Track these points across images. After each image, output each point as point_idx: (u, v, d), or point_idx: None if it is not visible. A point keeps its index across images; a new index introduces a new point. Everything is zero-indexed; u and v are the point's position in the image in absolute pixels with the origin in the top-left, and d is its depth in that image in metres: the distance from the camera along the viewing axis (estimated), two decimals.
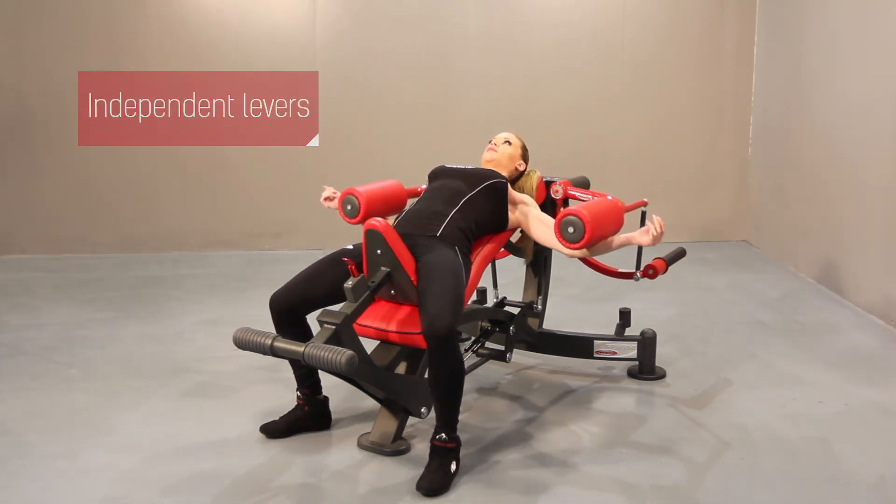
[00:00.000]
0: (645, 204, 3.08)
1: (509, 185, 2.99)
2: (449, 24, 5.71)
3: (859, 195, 4.26)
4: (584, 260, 3.25)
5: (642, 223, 3.01)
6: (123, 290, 4.80)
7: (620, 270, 3.28)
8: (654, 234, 2.72)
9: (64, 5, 5.51)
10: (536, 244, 3.25)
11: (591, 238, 2.66)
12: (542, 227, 2.91)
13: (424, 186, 3.14)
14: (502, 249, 3.44)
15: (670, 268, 3.19)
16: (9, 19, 5.50)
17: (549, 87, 5.77)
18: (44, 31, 5.52)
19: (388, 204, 3.19)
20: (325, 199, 3.25)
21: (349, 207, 3.13)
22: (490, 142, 3.15)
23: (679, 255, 3.27)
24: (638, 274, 3.07)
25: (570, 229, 2.68)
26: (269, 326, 2.67)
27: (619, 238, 2.81)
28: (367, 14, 5.69)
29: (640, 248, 3.01)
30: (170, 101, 5.66)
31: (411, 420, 2.78)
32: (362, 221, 3.09)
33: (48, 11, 5.51)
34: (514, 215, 2.97)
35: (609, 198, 2.94)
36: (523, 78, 5.79)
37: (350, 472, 2.57)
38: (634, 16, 5.74)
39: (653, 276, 3.07)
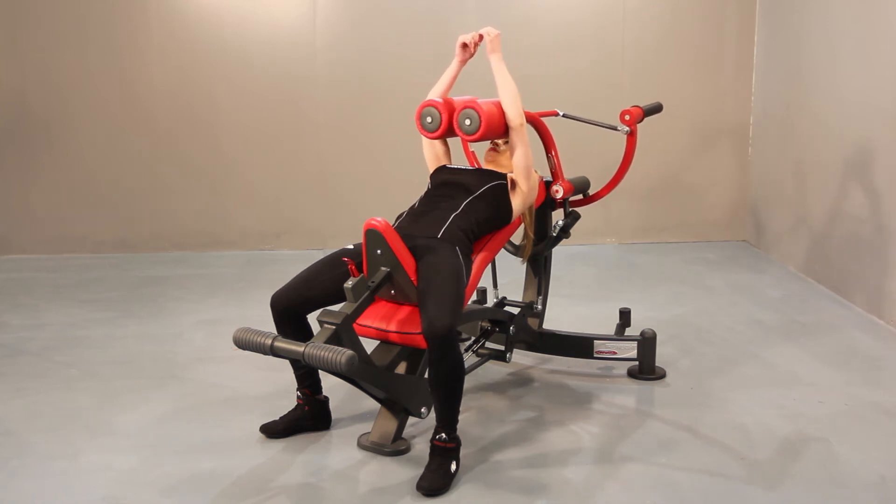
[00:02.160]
0: (557, 113, 3.33)
1: (508, 177, 2.97)
2: (449, 25, 5.71)
3: (859, 195, 4.26)
4: (605, 189, 3.38)
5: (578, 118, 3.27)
6: (123, 290, 4.80)
7: (624, 151, 3.35)
8: (488, 33, 3.04)
9: (64, 5, 5.51)
10: (535, 245, 3.25)
11: (488, 125, 2.83)
12: (517, 156, 2.92)
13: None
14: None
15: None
16: (9, 19, 5.50)
17: (549, 87, 5.77)
18: (44, 31, 5.53)
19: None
20: (463, 44, 3.19)
21: (429, 120, 2.96)
22: (491, 142, 3.15)
23: (656, 108, 3.40)
24: (621, 128, 3.23)
25: (468, 122, 2.84)
26: (270, 326, 2.67)
27: (497, 76, 3.02)
28: (367, 14, 5.69)
29: (597, 122, 3.35)
30: (170, 101, 5.66)
31: (411, 420, 2.78)
32: (441, 137, 3.02)
33: (48, 11, 5.51)
34: (516, 198, 2.94)
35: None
36: (523, 78, 5.74)
37: (350, 472, 2.58)
38: (634, 16, 5.74)
39: (632, 121, 3.17)
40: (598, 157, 5.91)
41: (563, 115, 3.39)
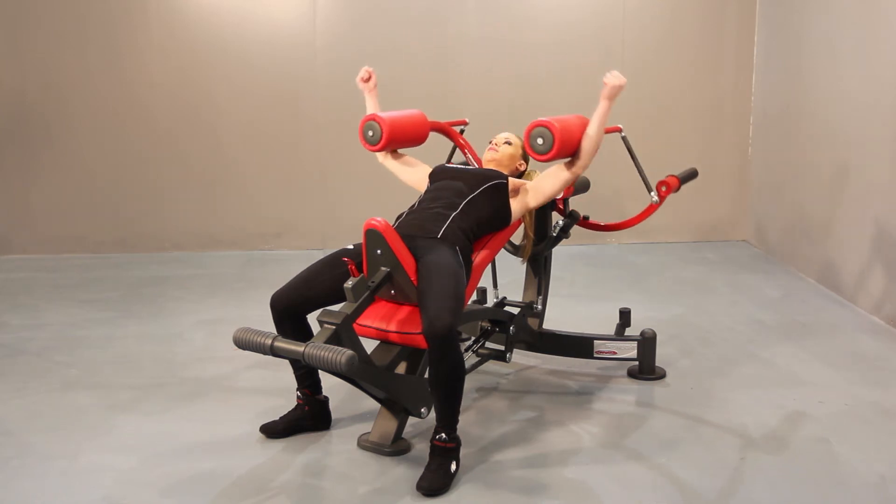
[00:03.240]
0: (620, 130, 3.17)
1: (509, 180, 2.97)
2: (449, 25, 5.71)
3: (859, 195, 4.26)
4: (610, 226, 3.32)
5: (630, 152, 3.09)
6: (123, 290, 4.80)
7: (642, 212, 3.26)
8: (614, 82, 2.85)
9: (64, 5, 5.51)
10: (535, 245, 3.25)
11: (562, 144, 2.70)
12: (545, 181, 2.91)
13: (450, 122, 3.26)
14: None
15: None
16: (9, 19, 5.50)
17: (549, 87, 5.77)
18: (44, 31, 5.53)
19: (409, 134, 3.10)
20: (361, 79, 3.17)
21: (370, 133, 3.03)
22: (491, 142, 3.15)
23: (691, 174, 3.27)
24: (654, 196, 3.05)
25: (540, 140, 2.72)
26: (270, 326, 2.67)
27: (595, 117, 2.87)
28: (367, 14, 5.69)
29: (643, 174, 3.12)
30: (170, 101, 5.66)
31: (411, 420, 2.78)
32: (383, 149, 3.06)
33: (48, 11, 5.51)
34: (516, 202, 2.94)
35: None
36: (524, 78, 5.78)
37: (350, 472, 2.58)
38: (634, 16, 5.74)
39: (666, 193, 3.07)
40: (599, 157, 5.91)
41: (623, 137, 3.28)
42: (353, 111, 5.79)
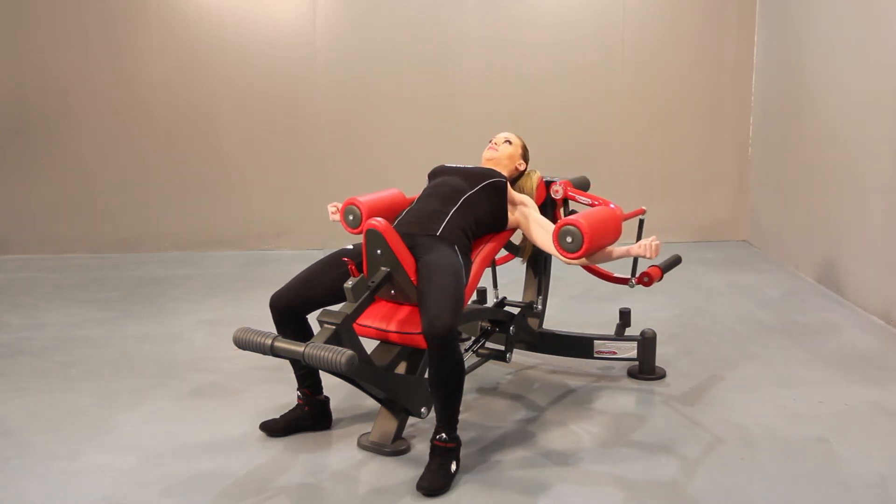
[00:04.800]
0: (643, 212, 3.09)
1: (509, 185, 2.99)
2: (449, 24, 5.71)
3: (859, 195, 4.26)
4: (588, 268, 3.27)
5: (639, 233, 3.03)
6: (123, 290, 4.80)
7: (616, 276, 3.28)
8: (646, 253, 2.76)
9: (64, 5, 5.51)
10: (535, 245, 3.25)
11: (589, 248, 2.69)
12: (541, 232, 2.91)
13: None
14: (505, 253, 3.45)
15: (671, 274, 3.18)
16: (9, 19, 5.50)
17: (549, 87, 5.78)
18: (44, 31, 5.53)
19: (389, 213, 3.19)
20: (332, 214, 3.24)
21: (351, 218, 3.13)
22: (490, 141, 3.15)
23: (674, 262, 3.26)
24: (633, 281, 3.08)
25: (569, 239, 2.70)
26: (270, 326, 2.67)
27: (617, 250, 2.84)
28: (367, 14, 5.69)
29: (635, 260, 3.02)
30: (170, 102, 5.66)
31: (411, 420, 2.78)
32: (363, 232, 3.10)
33: (48, 11, 5.51)
34: (513, 216, 2.97)
35: (611, 206, 2.95)
36: (523, 78, 5.79)
37: (350, 472, 2.57)
38: (634, 16, 5.75)
39: (648, 284, 3.08)
40: (599, 157, 5.92)
41: (641, 219, 3.11)
42: (353, 111, 5.81)
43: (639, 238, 3.03)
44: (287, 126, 5.76)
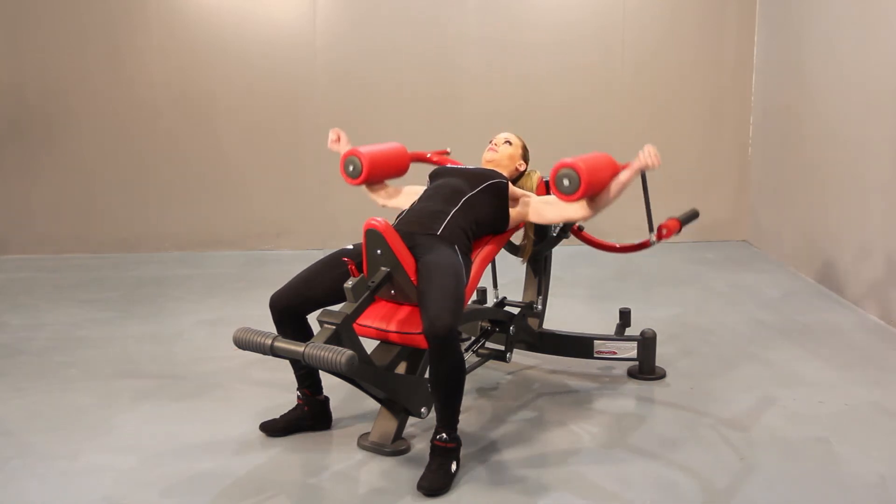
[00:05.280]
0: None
1: (510, 184, 2.99)
2: (449, 24, 5.71)
3: (859, 195, 4.26)
4: (599, 244, 3.27)
5: (650, 225, 3.02)
6: (123, 290, 4.80)
7: (636, 243, 3.21)
8: (647, 161, 2.73)
9: (64, 5, 5.51)
10: (535, 245, 3.25)
11: (589, 184, 2.64)
12: (548, 207, 2.91)
13: (430, 153, 3.27)
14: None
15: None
16: (9, 19, 5.50)
17: (549, 87, 5.78)
18: (44, 31, 5.53)
19: (390, 166, 3.14)
20: (332, 142, 3.21)
21: (351, 168, 3.08)
22: (490, 142, 3.15)
23: (692, 215, 3.21)
24: (653, 237, 3.03)
25: (566, 181, 2.66)
26: (270, 326, 2.67)
27: (615, 182, 2.78)
28: (367, 14, 5.69)
29: (649, 212, 3.04)
30: (170, 102, 5.66)
31: (411, 420, 2.78)
32: (363, 183, 3.09)
33: (48, 11, 5.51)
34: (515, 210, 2.96)
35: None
36: (524, 78, 5.79)
37: (350, 472, 2.57)
38: (634, 16, 5.75)
39: (666, 236, 3.02)
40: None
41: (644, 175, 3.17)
42: (354, 111, 5.81)
43: (651, 229, 3.03)
44: (287, 126, 5.76)
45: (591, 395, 3.17)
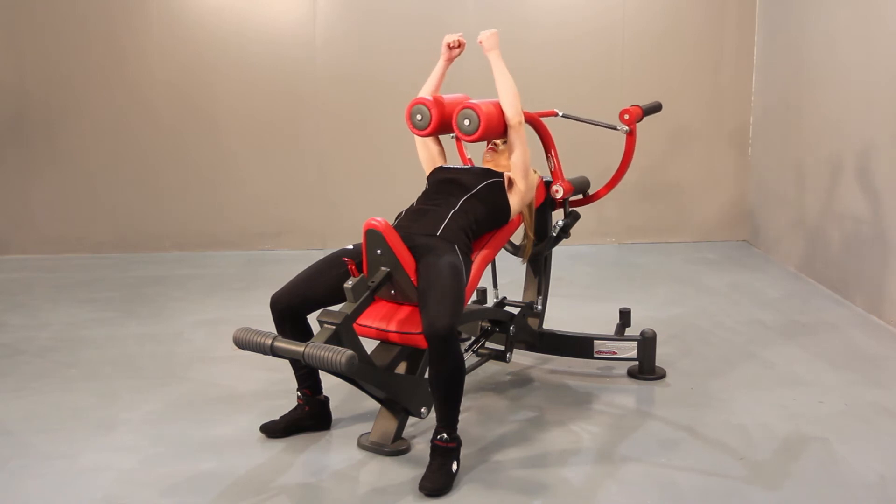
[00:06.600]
0: (556, 114, 3.36)
1: (506, 176, 2.96)
2: (449, 25, 5.69)
3: (860, 195, 4.26)
4: (605, 188, 3.39)
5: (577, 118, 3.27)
6: (123, 290, 4.80)
7: (605, 123, 3.39)
8: (484, 34, 3.02)
9: (64, 5, 5.51)
10: (535, 245, 3.25)
11: (487, 123, 2.83)
12: (512, 156, 2.94)
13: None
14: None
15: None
16: (9, 19, 5.50)
17: (549, 87, 5.77)
18: (44, 31, 5.53)
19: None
20: (449, 45, 3.18)
21: (419, 118, 3.01)
22: (490, 142, 3.15)
23: (655, 107, 3.42)
24: (621, 127, 3.24)
25: (466, 122, 2.85)
26: (270, 326, 2.67)
27: (497, 78, 3.02)
28: (367, 14, 5.69)
29: (597, 122, 3.39)
30: (170, 102, 5.66)
31: (411, 420, 2.78)
32: (432, 135, 3.05)
33: (48, 11, 5.51)
34: (514, 196, 2.94)
35: None
36: (523, 78, 5.75)
37: (350, 472, 2.58)
38: (634, 16, 5.74)
39: (631, 120, 3.19)
40: (598, 157, 5.91)
41: (563, 115, 3.40)
42: (354, 111, 5.80)
43: (587, 121, 3.32)
44: (287, 126, 5.76)
45: (591, 395, 3.17)
